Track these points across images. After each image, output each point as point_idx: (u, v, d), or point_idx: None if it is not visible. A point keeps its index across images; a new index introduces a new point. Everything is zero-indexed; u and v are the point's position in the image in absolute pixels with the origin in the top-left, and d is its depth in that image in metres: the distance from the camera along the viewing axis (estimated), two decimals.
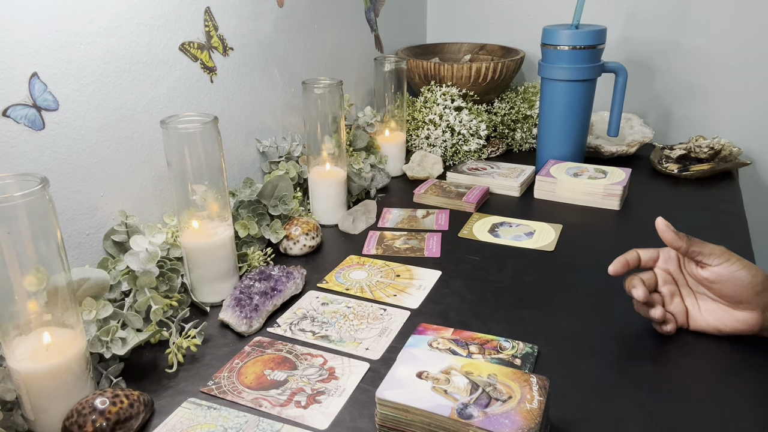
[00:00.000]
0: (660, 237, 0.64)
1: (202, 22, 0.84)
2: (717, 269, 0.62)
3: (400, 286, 0.78)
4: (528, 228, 0.93)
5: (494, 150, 1.24)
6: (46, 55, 0.65)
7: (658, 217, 0.64)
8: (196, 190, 0.71)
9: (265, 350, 0.66)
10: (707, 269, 0.63)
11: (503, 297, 0.75)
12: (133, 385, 0.61)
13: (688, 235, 0.63)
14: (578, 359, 0.63)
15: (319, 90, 0.90)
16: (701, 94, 1.28)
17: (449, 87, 1.22)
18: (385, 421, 0.53)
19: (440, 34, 1.51)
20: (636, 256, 0.66)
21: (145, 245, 0.69)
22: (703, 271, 0.63)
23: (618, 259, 0.66)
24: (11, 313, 0.52)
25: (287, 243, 0.86)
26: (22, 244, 0.49)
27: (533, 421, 0.48)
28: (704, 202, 1.01)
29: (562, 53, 1.05)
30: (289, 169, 0.95)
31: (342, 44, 1.18)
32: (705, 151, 1.12)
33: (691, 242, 0.63)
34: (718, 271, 0.62)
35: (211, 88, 0.88)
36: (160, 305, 0.66)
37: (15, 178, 0.50)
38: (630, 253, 0.66)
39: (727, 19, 1.21)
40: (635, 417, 0.55)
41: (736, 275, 0.61)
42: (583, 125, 1.11)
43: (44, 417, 0.54)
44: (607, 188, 0.99)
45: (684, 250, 0.63)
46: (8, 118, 0.62)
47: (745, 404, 0.57)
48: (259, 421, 0.56)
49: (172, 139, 0.68)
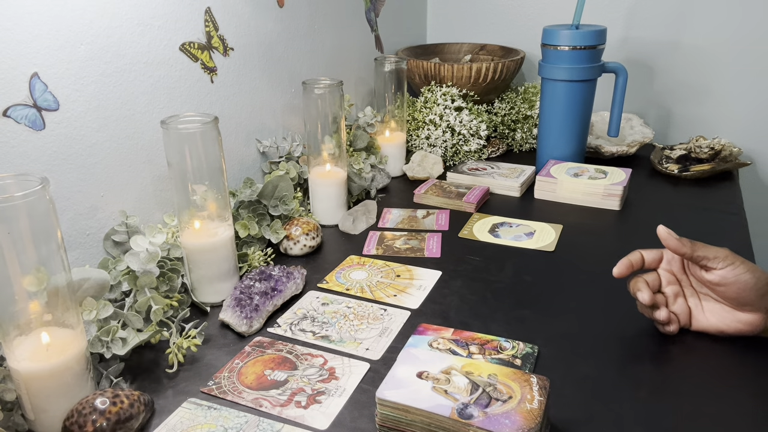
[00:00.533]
0: (662, 244, 0.64)
1: (203, 23, 0.84)
2: (722, 272, 0.61)
3: (401, 286, 0.78)
4: (528, 228, 0.93)
5: (494, 150, 1.24)
6: (47, 55, 0.65)
7: (659, 226, 0.64)
8: (196, 190, 0.71)
9: (265, 350, 0.66)
10: (712, 272, 0.62)
11: (503, 297, 0.75)
12: (134, 385, 0.61)
13: (691, 240, 0.63)
14: (578, 359, 0.63)
15: (319, 90, 0.90)
16: (701, 94, 1.28)
17: (449, 87, 1.22)
18: (385, 421, 0.53)
19: (440, 34, 1.51)
20: (640, 258, 0.66)
21: (146, 245, 0.70)
22: (707, 274, 0.63)
23: (622, 261, 0.66)
24: (11, 313, 0.52)
25: (287, 243, 0.86)
26: (23, 244, 0.49)
27: (533, 421, 0.48)
28: (704, 202, 1.01)
29: (563, 53, 1.05)
30: (289, 170, 0.95)
31: (342, 44, 1.18)
32: (705, 151, 1.12)
33: (694, 247, 0.62)
34: (722, 274, 0.61)
35: (212, 88, 0.88)
36: (161, 305, 0.66)
37: (15, 178, 0.50)
38: (634, 255, 0.66)
39: (727, 19, 1.21)
40: (635, 417, 0.55)
41: (740, 278, 0.61)
42: (584, 125, 1.11)
43: (44, 417, 0.54)
44: (607, 188, 0.99)
45: (689, 256, 0.63)
46: (9, 118, 0.62)
47: (745, 404, 0.57)
48: (260, 421, 0.56)
49: (172, 139, 0.68)
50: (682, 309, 0.66)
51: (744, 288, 0.61)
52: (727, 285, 0.61)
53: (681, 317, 0.66)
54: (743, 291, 0.61)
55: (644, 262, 0.67)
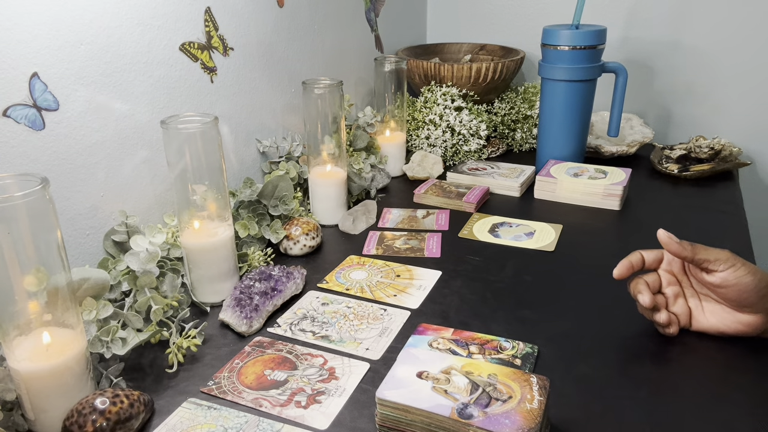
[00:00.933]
0: (663, 248, 0.64)
1: (203, 22, 0.84)
2: (723, 275, 0.61)
3: (401, 286, 0.78)
4: (528, 228, 0.93)
5: (494, 150, 1.24)
6: (47, 55, 0.65)
7: (659, 230, 0.64)
8: (196, 190, 0.71)
9: (265, 350, 0.66)
10: (713, 275, 0.62)
11: (503, 297, 0.75)
12: (133, 385, 0.61)
13: (692, 243, 0.63)
14: (578, 359, 0.63)
15: (319, 90, 0.90)
16: (701, 94, 1.28)
17: (449, 87, 1.22)
18: (385, 421, 0.53)
19: (440, 34, 1.51)
20: (640, 258, 0.66)
21: (146, 245, 0.70)
22: (708, 276, 0.63)
23: (622, 263, 0.66)
24: (11, 313, 0.52)
25: (287, 243, 0.86)
26: (23, 244, 0.49)
27: (533, 421, 0.48)
28: (704, 202, 1.01)
29: (563, 53, 1.05)
30: (289, 169, 0.95)
31: (342, 44, 1.18)
32: (705, 151, 1.12)
33: (695, 250, 0.62)
34: (723, 277, 0.61)
35: (212, 88, 0.88)
36: (160, 305, 0.66)
37: (15, 178, 0.50)
38: (634, 255, 0.66)
39: (728, 20, 1.21)
40: (635, 417, 0.55)
41: (741, 280, 0.60)
42: (583, 125, 1.11)
43: (44, 417, 0.54)
44: (607, 188, 0.99)
45: (689, 259, 0.63)
46: (8, 118, 0.62)
47: (745, 405, 0.57)
48: (259, 421, 0.56)
49: (172, 139, 0.68)
50: (683, 310, 0.66)
51: (745, 290, 0.60)
52: (728, 287, 0.61)
53: (681, 318, 0.66)
54: (744, 293, 0.61)
55: (644, 263, 0.66)
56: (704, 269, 0.63)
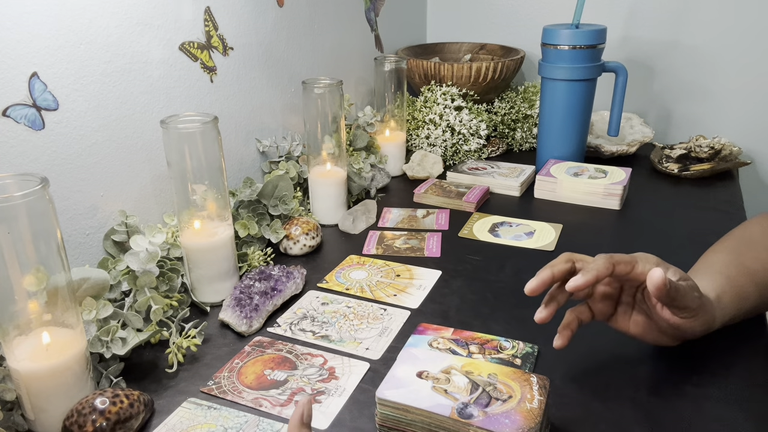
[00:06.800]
0: (649, 287, 0.52)
1: (202, 22, 0.84)
2: (680, 321, 0.56)
3: (400, 285, 0.78)
4: (528, 228, 0.93)
5: (494, 150, 1.24)
6: (46, 55, 0.65)
7: (655, 271, 0.52)
8: (196, 190, 0.71)
9: (265, 350, 0.66)
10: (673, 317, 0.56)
11: (503, 297, 0.75)
12: (133, 385, 0.61)
13: (676, 285, 0.54)
14: (578, 359, 0.63)
15: (319, 90, 0.90)
16: (701, 94, 1.28)
17: (449, 87, 1.22)
18: (385, 420, 0.53)
19: (440, 34, 1.51)
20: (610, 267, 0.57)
21: (145, 245, 0.69)
22: (665, 312, 0.56)
23: (588, 275, 0.57)
24: (11, 313, 0.52)
25: (287, 243, 0.86)
26: (22, 244, 0.49)
27: (533, 420, 0.48)
28: (704, 201, 1.01)
29: (563, 53, 1.05)
30: (289, 169, 0.95)
31: (342, 44, 1.18)
32: (705, 150, 1.12)
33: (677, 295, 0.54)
34: (680, 322, 0.56)
35: (211, 87, 0.88)
36: (160, 305, 0.66)
37: (15, 178, 0.50)
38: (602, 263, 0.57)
39: (728, 19, 1.21)
40: (635, 417, 0.55)
41: (691, 330, 0.57)
42: (584, 125, 1.11)
43: (44, 417, 0.54)
44: (607, 188, 0.99)
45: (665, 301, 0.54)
46: (8, 117, 0.62)
47: (745, 405, 0.57)
48: (259, 421, 0.56)
49: (172, 138, 0.68)
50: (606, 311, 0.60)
51: (690, 334, 0.58)
52: (676, 328, 0.57)
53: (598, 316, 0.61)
54: (685, 335, 0.59)
55: (614, 270, 0.57)
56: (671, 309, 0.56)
